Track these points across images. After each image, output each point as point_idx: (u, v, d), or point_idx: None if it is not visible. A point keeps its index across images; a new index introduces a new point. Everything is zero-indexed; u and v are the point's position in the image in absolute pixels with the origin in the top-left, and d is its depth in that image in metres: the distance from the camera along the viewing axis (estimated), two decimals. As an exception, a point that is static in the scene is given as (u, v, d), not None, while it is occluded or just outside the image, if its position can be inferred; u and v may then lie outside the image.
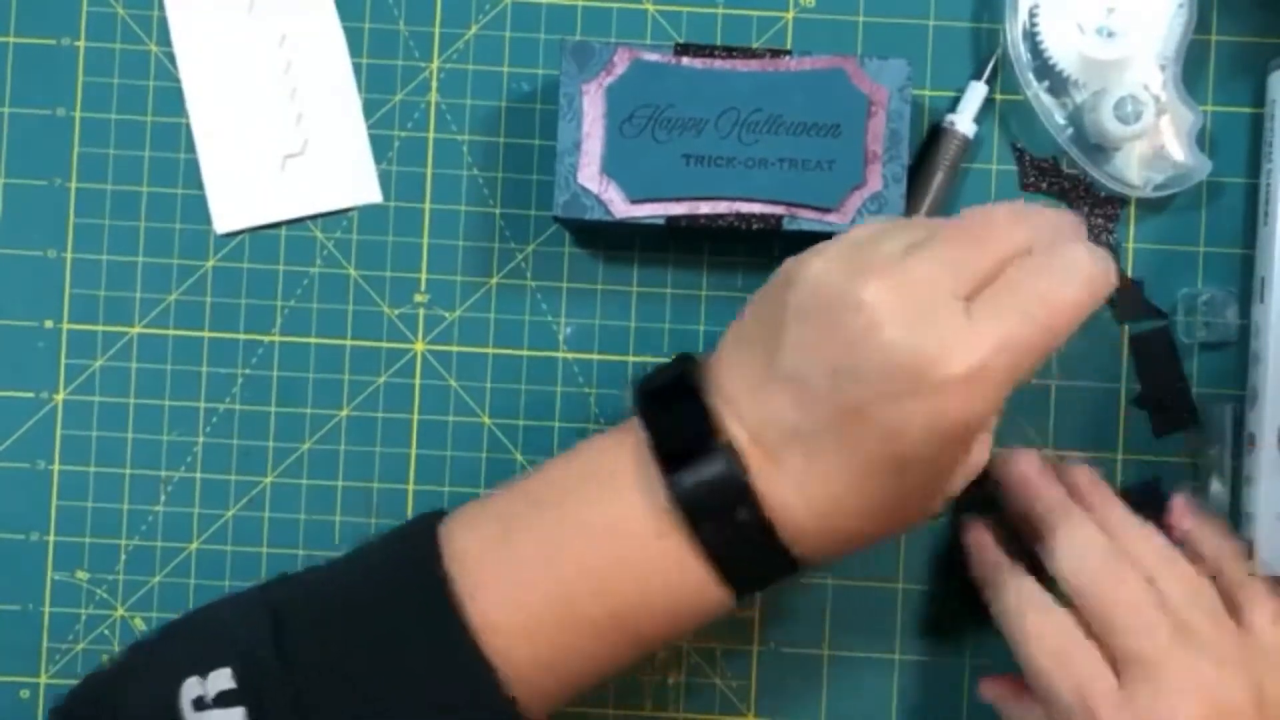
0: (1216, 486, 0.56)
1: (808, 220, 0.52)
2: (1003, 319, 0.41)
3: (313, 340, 0.57)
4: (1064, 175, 0.57)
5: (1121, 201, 0.57)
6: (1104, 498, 0.52)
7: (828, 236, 0.53)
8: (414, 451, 0.57)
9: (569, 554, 0.45)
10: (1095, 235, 0.57)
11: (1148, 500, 0.57)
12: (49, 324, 0.57)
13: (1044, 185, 0.57)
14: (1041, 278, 0.42)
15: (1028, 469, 0.52)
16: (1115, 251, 0.57)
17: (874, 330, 0.41)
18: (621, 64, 0.52)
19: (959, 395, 0.41)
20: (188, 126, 0.57)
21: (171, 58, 0.57)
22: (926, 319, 0.41)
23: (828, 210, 0.52)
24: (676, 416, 0.45)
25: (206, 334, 0.57)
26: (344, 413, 0.57)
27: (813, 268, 0.44)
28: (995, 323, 0.41)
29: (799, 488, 0.44)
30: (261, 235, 0.57)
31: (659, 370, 0.47)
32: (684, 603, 0.45)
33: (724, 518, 0.44)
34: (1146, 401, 0.57)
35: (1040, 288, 0.42)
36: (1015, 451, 0.53)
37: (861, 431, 0.42)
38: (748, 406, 0.44)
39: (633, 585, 0.45)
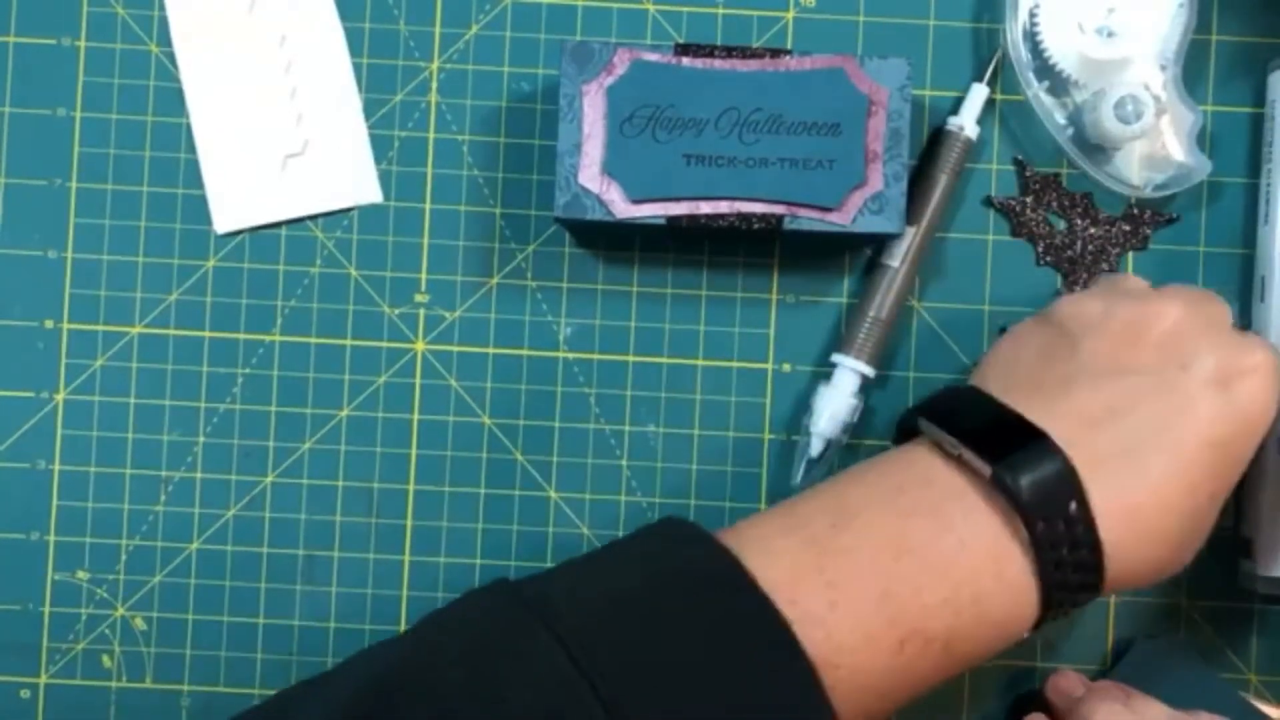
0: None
1: (808, 220, 0.52)
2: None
3: (313, 340, 0.57)
4: (1064, 191, 0.57)
5: (1123, 223, 0.57)
6: (1144, 702, 0.52)
7: (829, 236, 0.53)
8: (414, 451, 0.57)
9: (899, 578, 0.43)
10: (1099, 255, 0.57)
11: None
12: (49, 324, 0.57)
13: (1046, 199, 0.57)
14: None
15: (1072, 687, 0.54)
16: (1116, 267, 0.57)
17: (1185, 330, 0.47)
18: (621, 64, 0.52)
19: (1259, 381, 0.47)
20: (188, 126, 0.57)
21: (171, 58, 0.57)
22: (1220, 329, 0.48)
23: (829, 210, 0.52)
24: (984, 424, 0.45)
25: (207, 334, 0.57)
26: (344, 413, 0.57)
27: (1093, 296, 0.49)
28: (1265, 353, 0.48)
29: (1119, 488, 0.44)
30: (261, 235, 0.57)
31: (929, 397, 0.49)
32: (1003, 619, 0.44)
33: (1057, 515, 0.43)
34: None
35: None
36: (1061, 673, 0.55)
37: (1186, 421, 0.45)
38: (1055, 407, 0.45)
39: (960, 607, 0.43)
